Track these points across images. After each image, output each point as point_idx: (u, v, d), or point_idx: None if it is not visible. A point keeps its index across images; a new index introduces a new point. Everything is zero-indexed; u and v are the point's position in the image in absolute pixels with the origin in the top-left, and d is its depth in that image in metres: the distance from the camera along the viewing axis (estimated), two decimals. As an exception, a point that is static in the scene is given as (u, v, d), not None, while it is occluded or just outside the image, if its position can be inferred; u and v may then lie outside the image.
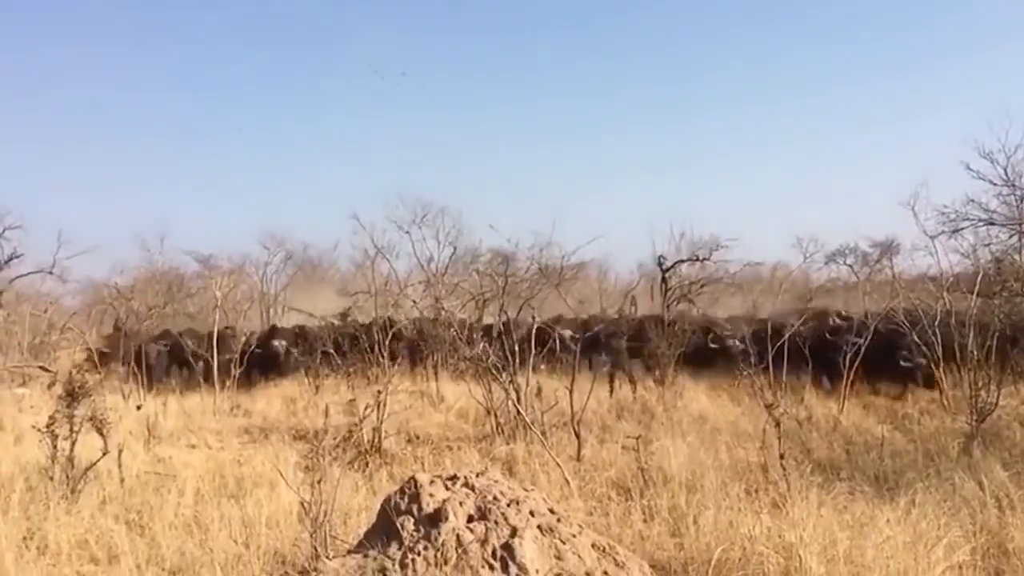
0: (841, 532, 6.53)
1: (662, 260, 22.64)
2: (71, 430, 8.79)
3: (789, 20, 63.21)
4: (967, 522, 7.30)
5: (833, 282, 30.19)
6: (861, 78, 61.75)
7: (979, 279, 12.43)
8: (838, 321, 16.39)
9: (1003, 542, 6.88)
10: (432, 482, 5.78)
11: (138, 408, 13.66)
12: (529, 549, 5.31)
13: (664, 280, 21.99)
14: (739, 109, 61.14)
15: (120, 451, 9.37)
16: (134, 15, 62.19)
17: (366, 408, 10.77)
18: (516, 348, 12.14)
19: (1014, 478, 8.26)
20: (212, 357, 17.00)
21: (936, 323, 12.76)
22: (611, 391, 15.07)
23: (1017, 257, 19.41)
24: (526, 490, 5.97)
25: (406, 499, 5.67)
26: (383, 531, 5.62)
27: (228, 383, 16.91)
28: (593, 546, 5.64)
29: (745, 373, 11.27)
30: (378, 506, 5.94)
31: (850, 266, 29.25)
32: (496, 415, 12.34)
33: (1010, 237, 19.94)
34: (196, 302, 26.83)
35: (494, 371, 11.47)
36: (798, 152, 59.00)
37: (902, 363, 14.29)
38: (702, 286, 23.48)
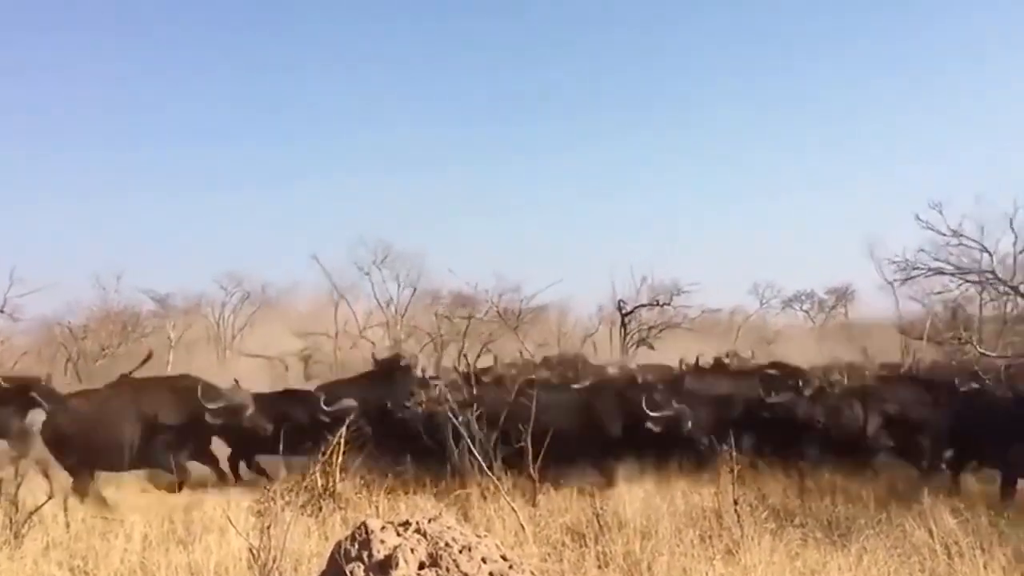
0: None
1: (622, 304, 22.78)
2: (16, 472, 8.60)
3: (746, 78, 64.45)
4: (916, 569, 7.38)
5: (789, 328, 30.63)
6: (823, 131, 62.83)
7: (928, 325, 12.67)
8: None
9: (954, 590, 6.96)
10: (384, 528, 5.71)
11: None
12: (480, 597, 5.26)
13: (624, 324, 22.11)
14: (705, 164, 62.04)
15: (66, 496, 9.16)
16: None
17: (321, 452, 10.64)
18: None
19: (963, 525, 8.35)
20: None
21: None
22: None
23: (968, 307, 19.86)
24: (479, 536, 5.91)
25: (357, 545, 5.60)
26: (333, 578, 5.54)
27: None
28: (545, 593, 5.61)
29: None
30: (329, 552, 5.86)
31: (807, 311, 29.72)
32: (453, 458, 12.24)
33: (959, 286, 20.32)
34: (151, 342, 26.46)
35: (449, 414, 11.41)
36: (759, 201, 59.89)
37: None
38: (661, 331, 23.64)
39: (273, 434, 12.28)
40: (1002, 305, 19.70)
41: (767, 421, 12.17)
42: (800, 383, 12.96)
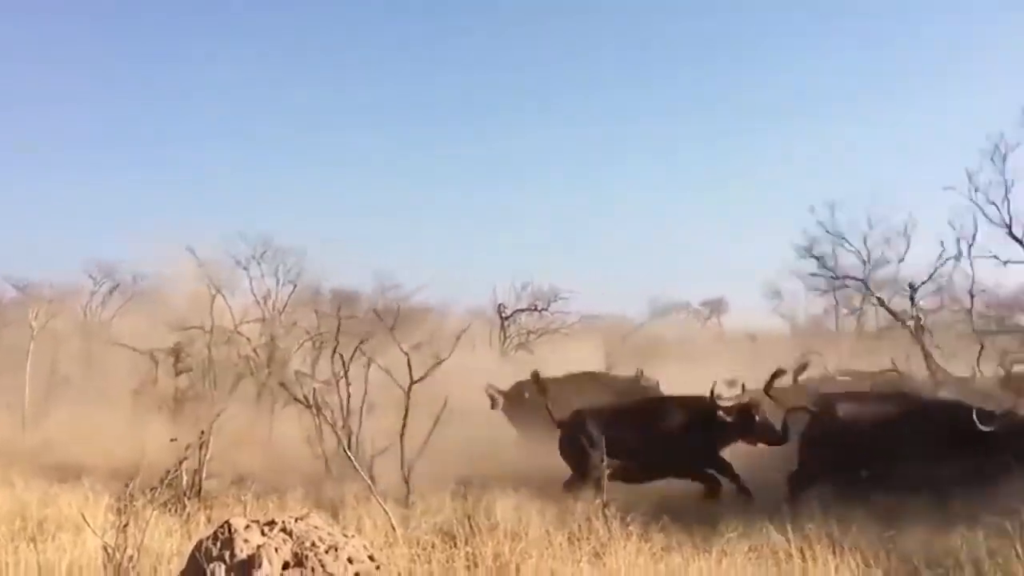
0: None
1: (502, 308, 22.95)
2: None
3: (636, 90, 65.59)
4: (772, 572, 7.67)
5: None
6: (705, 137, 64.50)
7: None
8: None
9: (805, 591, 7.26)
10: (248, 527, 5.59)
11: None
12: (345, 598, 5.21)
13: (503, 328, 22.27)
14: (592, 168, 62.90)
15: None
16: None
17: (187, 448, 10.32)
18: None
19: (818, 530, 8.69)
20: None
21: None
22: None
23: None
24: (346, 536, 5.86)
25: (219, 544, 5.46)
26: (192, 578, 5.39)
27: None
28: (411, 594, 5.60)
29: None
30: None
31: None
32: (327, 458, 12.11)
33: (835, 290, 20.93)
34: (11, 332, 25.10)
35: (323, 413, 11.27)
36: (641, 210, 61.04)
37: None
38: (539, 336, 23.92)
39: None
40: (858, 318, 20.65)
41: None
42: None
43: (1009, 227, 14.97)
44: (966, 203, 15.67)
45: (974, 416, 10.18)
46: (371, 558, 5.68)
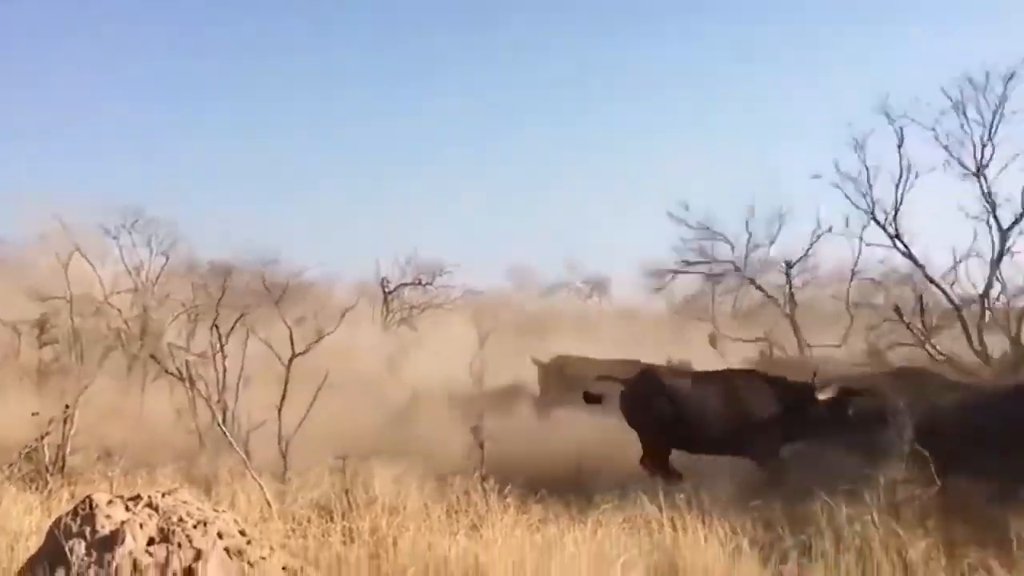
0: (532, 552, 6.81)
1: (385, 282, 22.74)
2: None
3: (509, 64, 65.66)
4: (645, 541, 7.87)
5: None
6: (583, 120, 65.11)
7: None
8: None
9: (675, 560, 7.46)
10: (111, 502, 5.38)
11: None
12: (213, 573, 5.08)
13: (386, 302, 22.07)
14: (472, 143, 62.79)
15: None
16: None
17: (50, 422, 9.88)
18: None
19: (688, 500, 8.93)
20: None
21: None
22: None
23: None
24: (216, 511, 5.71)
25: (79, 521, 5.24)
26: (50, 556, 5.15)
27: None
28: (284, 569, 5.50)
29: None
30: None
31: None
32: (200, 433, 11.81)
33: (708, 277, 21.55)
34: None
35: (197, 387, 10.96)
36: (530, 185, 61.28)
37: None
38: (423, 310, 23.82)
39: None
40: (735, 298, 21.29)
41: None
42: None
43: (871, 212, 15.68)
44: (838, 186, 16.30)
45: (817, 392, 10.60)
46: (242, 533, 5.55)
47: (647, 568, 7.03)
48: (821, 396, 10.54)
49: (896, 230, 15.39)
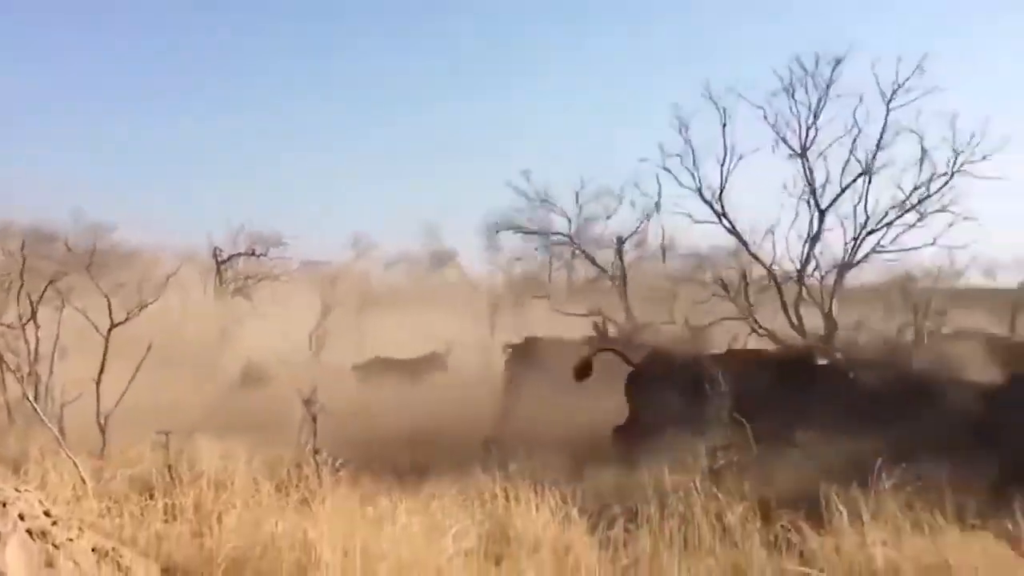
0: (362, 525, 6.70)
1: (218, 252, 21.88)
2: None
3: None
4: (478, 512, 7.90)
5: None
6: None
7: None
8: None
9: (506, 528, 7.52)
10: None
11: None
12: (13, 557, 4.72)
13: (219, 272, 21.26)
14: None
15: None
16: None
17: None
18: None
19: (521, 471, 9.02)
20: None
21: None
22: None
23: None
24: (18, 491, 5.31)
25: None
26: None
27: None
28: (94, 550, 5.18)
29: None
30: None
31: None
32: (9, 408, 11.05)
33: (535, 249, 21.71)
34: None
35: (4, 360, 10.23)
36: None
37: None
38: (259, 281, 23.07)
39: None
40: (569, 270, 21.60)
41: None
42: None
43: (699, 190, 16.14)
44: (666, 168, 16.71)
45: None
46: (47, 513, 5.18)
47: (479, 536, 7.04)
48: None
49: (722, 208, 15.88)
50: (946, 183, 14.91)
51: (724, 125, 15.98)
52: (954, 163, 14.82)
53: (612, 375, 11.97)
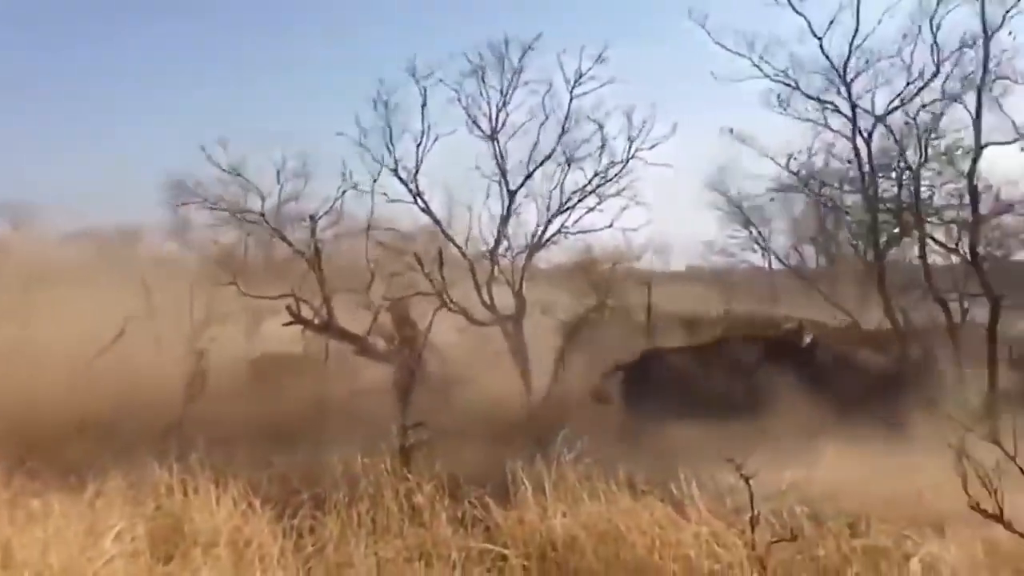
0: (10, 529, 5.96)
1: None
2: None
3: None
4: (151, 508, 7.32)
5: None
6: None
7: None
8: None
9: (181, 523, 7.01)
10: None
11: None
12: None
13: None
14: None
15: None
16: None
17: None
18: None
19: (202, 463, 8.41)
20: None
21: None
22: None
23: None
24: None
25: None
26: None
27: None
28: None
29: None
30: None
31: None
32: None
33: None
34: None
35: None
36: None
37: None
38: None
39: None
40: (267, 249, 20.81)
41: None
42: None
43: (395, 169, 16.07)
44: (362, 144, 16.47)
45: None
46: None
47: (148, 534, 6.50)
48: None
49: (417, 187, 15.96)
50: (622, 169, 15.85)
51: (424, 105, 16.02)
52: (628, 150, 15.80)
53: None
